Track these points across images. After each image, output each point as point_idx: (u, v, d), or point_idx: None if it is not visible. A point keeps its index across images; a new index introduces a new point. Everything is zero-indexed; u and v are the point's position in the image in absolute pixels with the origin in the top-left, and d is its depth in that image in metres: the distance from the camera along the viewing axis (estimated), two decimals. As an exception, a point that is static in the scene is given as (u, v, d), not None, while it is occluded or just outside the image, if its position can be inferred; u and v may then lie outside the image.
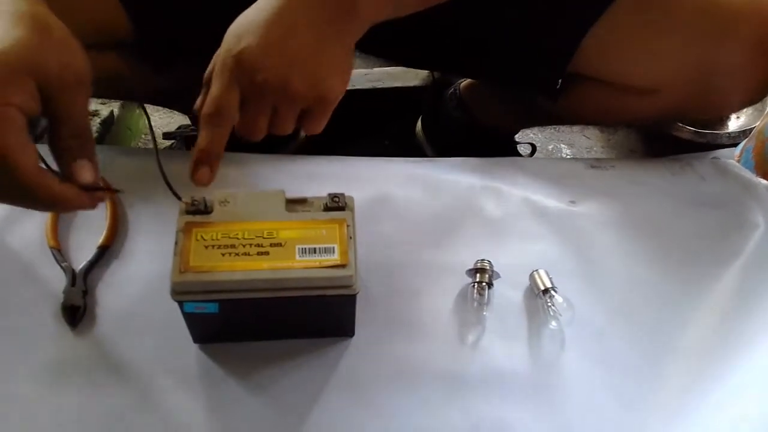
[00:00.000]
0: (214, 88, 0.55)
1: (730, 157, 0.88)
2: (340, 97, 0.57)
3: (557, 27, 0.74)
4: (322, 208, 0.58)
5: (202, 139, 0.55)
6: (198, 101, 0.58)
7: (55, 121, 0.48)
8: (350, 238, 0.56)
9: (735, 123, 1.14)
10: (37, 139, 0.49)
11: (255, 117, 0.56)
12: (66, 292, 0.65)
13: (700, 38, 0.71)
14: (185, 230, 0.55)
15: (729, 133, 1.08)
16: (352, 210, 0.59)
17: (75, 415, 0.58)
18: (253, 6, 0.56)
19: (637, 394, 0.62)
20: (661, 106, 0.78)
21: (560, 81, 0.79)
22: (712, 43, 0.71)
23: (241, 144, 0.83)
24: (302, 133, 1.04)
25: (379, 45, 0.82)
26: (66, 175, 0.49)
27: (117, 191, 0.54)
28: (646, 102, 0.78)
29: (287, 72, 0.53)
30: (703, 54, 0.72)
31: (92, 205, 0.52)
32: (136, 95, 0.87)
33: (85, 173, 0.50)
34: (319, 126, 0.58)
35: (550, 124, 1.22)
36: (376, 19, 0.57)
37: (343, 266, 0.54)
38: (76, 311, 0.63)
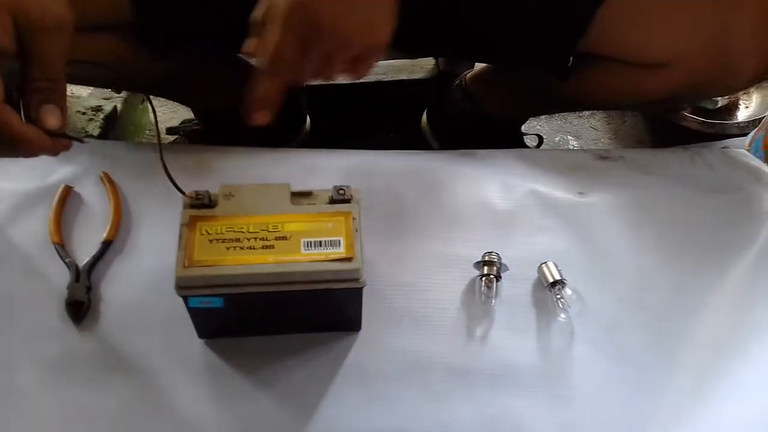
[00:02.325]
0: (273, 34, 0.54)
1: (740, 146, 0.87)
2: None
3: (569, 2, 0.73)
4: (327, 200, 0.58)
5: (262, 84, 0.56)
6: (250, 44, 0.58)
7: (29, 62, 0.48)
8: (356, 230, 0.55)
9: (744, 113, 1.13)
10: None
11: (311, 61, 0.56)
12: (70, 288, 0.64)
13: (711, 9, 0.70)
14: (189, 224, 0.55)
15: (738, 122, 1.07)
16: (358, 203, 0.58)
17: (80, 410, 0.58)
18: None
19: (648, 386, 0.61)
20: (673, 82, 0.76)
21: (571, 59, 0.78)
22: (724, 13, 0.70)
23: (244, 138, 0.83)
24: (307, 127, 1.03)
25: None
26: (32, 117, 0.49)
27: (81, 140, 0.54)
28: (658, 78, 0.76)
29: (345, 20, 0.54)
30: (715, 25, 0.71)
31: (54, 152, 0.52)
32: (138, 83, 0.86)
33: (52, 118, 0.50)
34: (365, 71, 0.59)
35: (558, 111, 1.21)
36: None
37: (349, 259, 0.53)
38: (81, 307, 0.63)
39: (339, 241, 0.54)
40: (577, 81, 0.80)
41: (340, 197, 0.57)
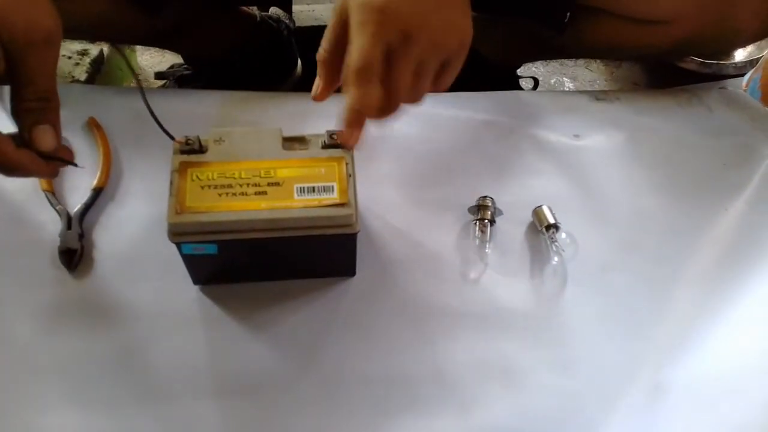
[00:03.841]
0: (360, 42, 0.49)
1: (737, 87, 0.86)
2: None
3: None
4: (320, 146, 0.57)
5: (356, 97, 0.51)
6: (316, 86, 0.56)
7: (19, 81, 0.46)
8: (349, 176, 0.55)
9: (741, 53, 1.11)
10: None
11: (403, 75, 0.52)
12: (62, 235, 0.64)
13: None
14: (180, 170, 0.54)
15: (735, 63, 1.06)
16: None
17: (74, 358, 0.58)
18: None
19: (641, 328, 0.62)
20: (674, 37, 0.75)
21: (568, 14, 0.76)
22: None
23: (234, 82, 0.81)
24: (298, 70, 1.01)
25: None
26: (25, 140, 0.48)
27: (77, 166, 0.53)
28: (658, 34, 0.75)
29: (432, 21, 0.50)
30: None
31: (51, 174, 0.50)
32: (127, 38, 0.84)
33: (47, 140, 0.48)
34: (453, 77, 0.56)
35: (555, 58, 1.19)
36: None
37: (342, 205, 0.53)
38: (73, 254, 0.63)
39: (332, 186, 0.54)
40: (574, 33, 0.78)
41: (333, 142, 0.57)
